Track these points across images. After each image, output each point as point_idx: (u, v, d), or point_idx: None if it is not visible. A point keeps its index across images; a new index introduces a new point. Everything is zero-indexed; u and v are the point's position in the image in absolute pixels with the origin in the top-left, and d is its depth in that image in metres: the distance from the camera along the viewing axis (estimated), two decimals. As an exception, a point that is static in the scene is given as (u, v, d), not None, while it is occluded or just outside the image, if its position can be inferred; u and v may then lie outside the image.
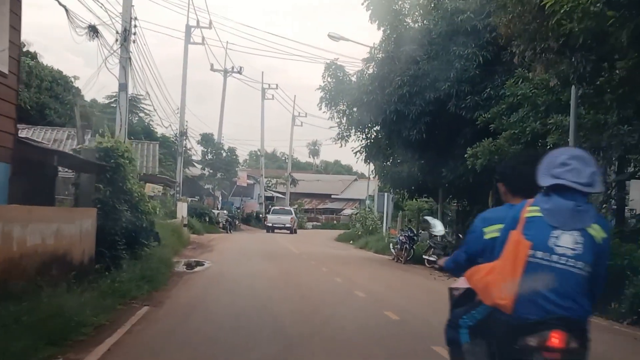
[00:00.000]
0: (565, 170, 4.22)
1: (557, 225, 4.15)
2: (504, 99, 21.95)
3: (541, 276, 4.07)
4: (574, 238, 4.13)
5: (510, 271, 4.14)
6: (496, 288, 4.20)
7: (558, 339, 4.06)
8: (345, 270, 22.78)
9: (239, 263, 23.84)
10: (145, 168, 35.70)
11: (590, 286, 4.19)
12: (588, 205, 4.22)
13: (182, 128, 46.26)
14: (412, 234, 29.28)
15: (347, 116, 30.02)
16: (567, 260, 4.12)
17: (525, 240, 4.15)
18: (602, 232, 4.22)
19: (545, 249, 4.13)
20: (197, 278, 18.29)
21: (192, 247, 31.72)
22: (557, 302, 4.10)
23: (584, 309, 4.17)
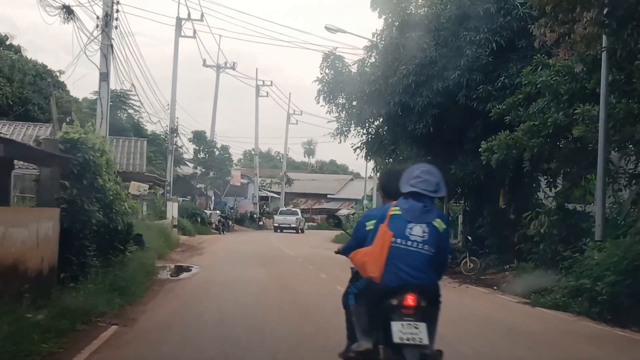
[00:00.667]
0: (418, 181, 6.11)
1: (411, 220, 6.02)
2: (521, 88, 19.86)
3: (403, 257, 5.95)
4: (422, 229, 6.01)
5: (378, 253, 6.00)
6: (369, 265, 6.04)
7: (412, 299, 5.90)
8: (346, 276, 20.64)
9: (229, 268, 21.70)
10: (132, 166, 33.50)
11: (435, 263, 6.06)
12: (433, 206, 6.15)
13: (172, 125, 44.08)
14: (416, 236, 27.16)
15: (346, 110, 27.87)
16: (418, 244, 5.99)
17: (389, 231, 6.01)
18: (442, 224, 6.13)
19: (403, 237, 6.00)
20: (181, 287, 16.12)
21: (181, 249, 29.56)
22: (411, 274, 5.94)
23: (431, 278, 6.06)
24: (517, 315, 15.07)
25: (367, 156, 28.36)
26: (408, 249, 6.01)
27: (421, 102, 22.41)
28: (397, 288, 5.98)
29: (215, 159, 53.63)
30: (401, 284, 5.98)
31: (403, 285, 5.98)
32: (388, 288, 6.01)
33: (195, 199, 55.36)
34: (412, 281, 5.97)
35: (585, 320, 14.48)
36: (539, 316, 15.02)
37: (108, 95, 23.54)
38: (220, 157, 54.22)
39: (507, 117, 19.76)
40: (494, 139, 19.09)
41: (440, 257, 6.15)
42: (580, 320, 14.50)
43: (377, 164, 28.94)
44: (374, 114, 25.22)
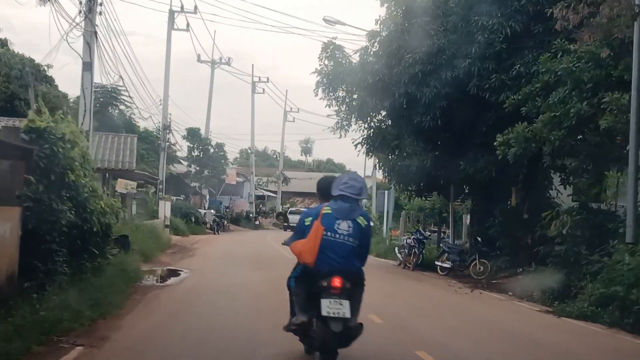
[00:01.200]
0: (346, 186, 7.78)
1: (339, 217, 7.64)
2: (538, 77, 18.18)
3: (330, 247, 7.52)
4: (348, 224, 7.63)
5: (312, 244, 7.54)
6: (305, 254, 7.62)
7: (338, 282, 7.39)
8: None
9: (222, 272, 19.98)
10: (122, 163, 31.70)
11: (359, 252, 7.75)
12: (357, 206, 7.86)
13: (165, 121, 42.32)
14: (422, 237, 25.47)
15: (346, 104, 26.18)
16: (344, 237, 7.60)
17: (322, 226, 7.56)
18: (365, 221, 7.82)
19: (332, 231, 7.59)
20: (165, 296, 14.39)
21: (172, 251, 27.82)
22: (338, 261, 7.51)
23: (355, 265, 7.69)
24: (541, 326, 13.40)
25: (368, 152, 26.66)
26: (336, 241, 7.61)
27: (428, 93, 20.73)
28: (326, 272, 7.48)
29: (210, 156, 51.87)
30: (330, 269, 7.49)
31: (331, 270, 7.48)
32: (320, 272, 7.52)
33: (190, 198, 53.61)
34: (339, 267, 7.51)
35: (619, 333, 12.85)
36: (565, 327, 13.35)
37: (92, 87, 21.71)
38: (215, 155, 52.44)
39: (523, 109, 18.08)
40: (510, 132, 17.41)
41: (363, 247, 7.88)
42: (612, 332, 12.86)
43: (379, 161, 27.22)
44: (376, 107, 23.53)
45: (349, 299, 7.49)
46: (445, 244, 24.45)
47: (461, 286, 19.80)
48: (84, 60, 21.63)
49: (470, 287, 19.75)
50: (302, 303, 7.86)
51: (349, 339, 7.68)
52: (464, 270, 22.96)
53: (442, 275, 23.19)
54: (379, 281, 20.38)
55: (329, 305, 7.42)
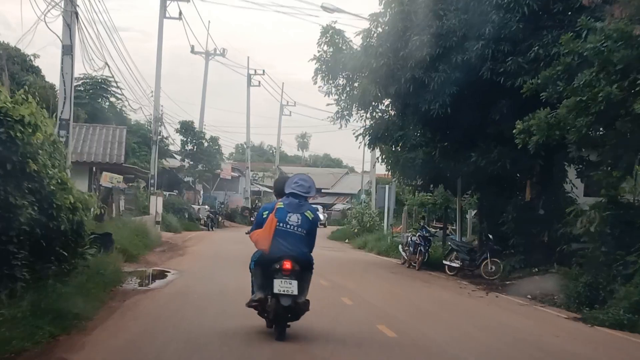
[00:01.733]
0: (296, 185, 9.27)
1: (290, 211, 9.07)
2: (559, 59, 16.46)
3: (282, 236, 8.98)
4: (297, 217, 9.04)
5: (267, 233, 8.97)
6: (261, 242, 9.07)
7: (288, 265, 8.86)
8: (352, 284, 17.23)
9: (213, 273, 18.27)
10: (110, 156, 29.93)
11: (307, 241, 9.16)
12: (306, 202, 9.28)
13: (157, 113, 40.49)
14: (428, 234, 23.77)
15: (347, 93, 24.46)
16: (294, 228, 9.04)
17: (275, 218, 8.98)
18: (312, 214, 9.20)
19: (284, 222, 9.02)
20: (146, 302, 12.65)
21: (162, 249, 26.07)
22: (288, 247, 8.97)
23: (303, 251, 9.11)
24: (573, 336, 11.75)
25: (370, 144, 24.92)
26: (287, 231, 9.10)
27: (437, 79, 19.03)
28: (279, 257, 9.01)
29: (204, 150, 49.95)
30: (282, 254, 9.01)
31: (283, 255, 9.01)
32: (273, 257, 9.03)
33: (183, 193, 51.76)
34: (289, 253, 9.04)
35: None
36: (601, 338, 11.70)
37: (72, 72, 19.92)
38: (210, 148, 50.51)
39: (543, 94, 16.34)
40: (531, 118, 15.68)
41: (310, 236, 9.35)
42: (656, 344, 11.21)
43: (382, 153, 25.45)
44: (380, 94, 21.80)
45: (297, 280, 9.07)
46: (453, 242, 22.75)
47: (474, 288, 18.12)
48: (64, 44, 19.88)
49: (483, 289, 18.08)
50: (259, 283, 9.33)
51: (298, 313, 9.28)
52: (474, 270, 21.29)
53: (450, 276, 21.52)
54: (384, 283, 18.69)
55: (280, 284, 9.01)
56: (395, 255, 28.54)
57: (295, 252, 9.09)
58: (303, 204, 9.31)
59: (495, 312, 14.00)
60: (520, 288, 18.06)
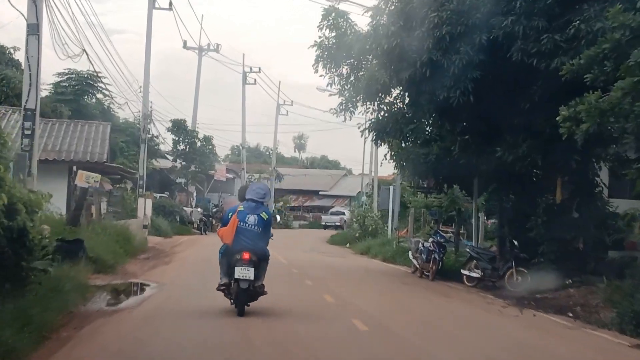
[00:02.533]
0: (253, 192, 11.67)
1: (249, 213, 11.39)
2: (605, 35, 13.86)
3: (243, 233, 11.22)
4: (254, 217, 11.35)
5: (230, 231, 11.21)
6: (225, 237, 11.32)
7: (247, 256, 11.08)
8: (362, 301, 14.50)
9: (199, 286, 15.60)
10: (91, 154, 27.28)
11: (262, 236, 11.42)
12: (261, 205, 11.61)
13: (145, 110, 37.82)
14: (442, 240, 21.12)
15: (351, 83, 21.87)
16: (251, 226, 11.29)
17: (237, 218, 11.29)
18: (266, 215, 11.58)
19: (244, 221, 11.26)
20: (109, 330, 9.95)
21: (146, 256, 23.43)
22: (247, 242, 11.21)
23: (260, 245, 11.36)
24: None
25: (377, 139, 22.26)
26: (246, 229, 11.40)
27: (458, 62, 16.39)
28: (239, 249, 11.28)
29: (197, 150, 47.29)
30: (241, 247, 11.28)
31: (242, 248, 11.27)
32: (235, 249, 11.32)
33: (175, 196, 49.11)
34: (248, 246, 11.30)
35: None
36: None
37: (39, 55, 17.25)
38: (203, 148, 47.86)
39: (587, 76, 13.72)
40: (579, 103, 13.04)
41: (266, 233, 11.69)
42: None
43: (390, 149, 22.74)
44: (391, 80, 19.13)
45: (254, 267, 11.28)
46: (472, 249, 20.06)
47: (503, 304, 15.45)
48: (29, 22, 17.24)
49: (514, 304, 15.43)
50: (225, 270, 11.60)
51: (254, 295, 11.51)
52: (496, 281, 18.69)
53: (469, 287, 18.92)
54: (400, 298, 16.05)
55: (240, 271, 11.20)
56: (403, 262, 25.90)
57: (252, 245, 11.40)
58: (259, 207, 11.67)
59: (541, 338, 11.35)
60: (556, 304, 15.46)
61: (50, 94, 40.95)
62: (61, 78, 41.51)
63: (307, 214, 75.51)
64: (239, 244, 11.28)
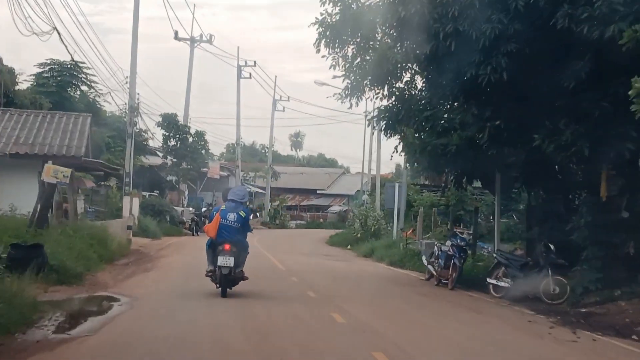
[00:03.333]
0: (233, 194, 14.04)
1: (229, 211, 13.54)
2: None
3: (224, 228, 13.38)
4: (234, 215, 13.48)
5: (214, 226, 13.39)
6: (210, 232, 13.51)
7: (227, 247, 13.22)
8: (378, 320, 11.70)
9: (180, 301, 12.80)
10: (67, 148, 24.45)
11: (241, 230, 13.58)
12: (240, 204, 13.82)
13: (132, 101, 34.97)
14: (463, 243, 18.36)
15: (358, 64, 19.11)
16: (232, 222, 13.46)
17: (219, 216, 13.45)
18: (244, 213, 13.70)
19: (225, 219, 13.43)
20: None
21: (126, 261, 20.64)
22: (229, 235, 13.33)
23: (239, 238, 13.52)
24: None
25: (387, 129, 19.47)
26: (227, 225, 13.40)
27: (490, 32, 13.60)
28: (221, 242, 13.29)
29: (189, 146, 44.44)
30: (223, 240, 13.29)
31: (224, 240, 13.28)
32: (218, 242, 13.33)
33: (165, 194, 46.27)
34: (229, 239, 13.29)
35: None
36: None
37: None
38: (195, 144, 45.00)
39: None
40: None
41: (244, 227, 13.71)
42: None
43: (402, 140, 19.85)
44: (406, 59, 16.40)
45: (234, 257, 13.26)
46: (501, 254, 17.27)
47: (548, 322, 12.67)
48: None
49: (560, 323, 12.66)
50: (210, 259, 13.69)
51: (235, 280, 13.59)
52: (529, 291, 15.95)
53: (497, 298, 16.18)
54: (422, 313, 13.26)
55: (222, 259, 13.19)
56: (413, 266, 23.20)
57: (232, 238, 13.44)
58: (238, 207, 13.79)
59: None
60: (609, 322, 12.70)
61: (32, 85, 38.13)
62: (42, 69, 38.68)
63: (304, 214, 72.70)
64: (221, 237, 13.44)
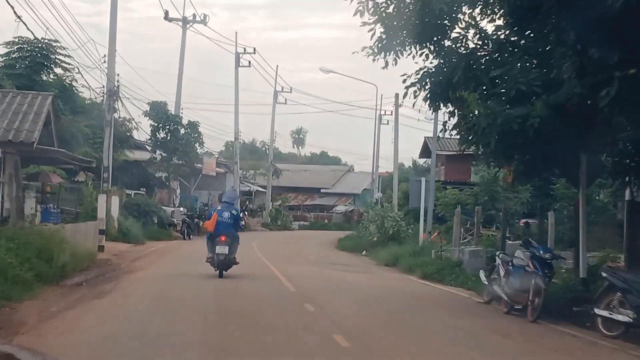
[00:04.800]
0: (226, 196, 18.30)
1: (224, 210, 16.96)
2: None
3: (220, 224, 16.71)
4: (228, 213, 16.90)
5: (212, 222, 16.83)
6: (209, 227, 17.14)
7: (223, 238, 16.50)
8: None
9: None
10: (17, 133, 18.97)
11: (233, 225, 17.04)
12: (232, 205, 17.50)
13: (110, 84, 29.57)
14: (548, 255, 12.89)
15: (397, 13, 13.61)
16: (226, 219, 16.81)
17: (216, 214, 16.88)
18: (235, 212, 17.25)
19: (221, 217, 16.79)
20: None
21: (81, 279, 15.21)
22: (224, 229, 16.72)
23: (233, 232, 16.88)
24: None
25: (434, 98, 13.93)
26: (222, 221, 16.59)
27: None
28: (218, 234, 16.37)
29: (180, 139, 38.97)
30: (219, 233, 16.36)
31: (220, 233, 16.37)
32: (215, 234, 16.42)
33: (155, 193, 40.79)
34: (224, 232, 16.43)
35: None
36: None
37: None
38: (187, 137, 39.51)
39: None
40: None
41: (235, 223, 16.96)
42: None
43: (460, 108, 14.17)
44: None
45: (228, 246, 16.41)
46: (614, 273, 11.73)
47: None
48: None
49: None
50: (210, 247, 16.68)
51: (229, 264, 16.60)
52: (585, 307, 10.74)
53: (609, 337, 10.78)
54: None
55: (219, 248, 16.34)
56: (456, 282, 17.88)
57: (226, 231, 16.58)
58: (230, 207, 17.18)
59: None
60: None
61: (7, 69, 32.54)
62: (10, 48, 33.12)
63: (307, 214, 67.19)
64: (218, 231, 16.55)
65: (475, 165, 32.67)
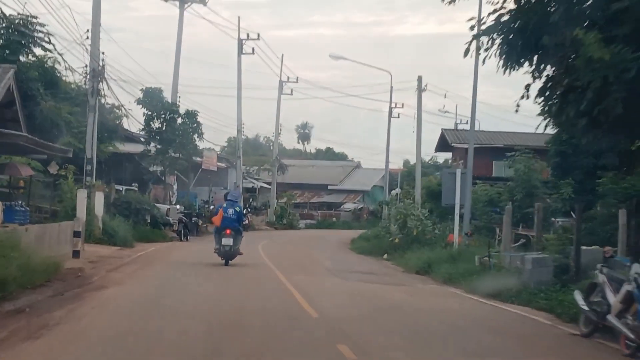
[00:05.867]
0: (230, 195, 20.87)
1: (229, 207, 19.30)
2: None
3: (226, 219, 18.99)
4: (232, 210, 19.27)
5: (220, 218, 19.13)
6: (216, 221, 19.48)
7: (228, 231, 18.82)
8: None
9: None
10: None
11: (237, 220, 19.28)
12: (235, 203, 19.94)
13: (94, 64, 25.42)
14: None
15: None
16: (231, 215, 19.13)
17: (222, 211, 19.23)
18: (238, 209, 19.71)
19: (226, 212, 19.12)
20: None
21: (24, 303, 11.03)
22: (229, 224, 18.95)
23: (237, 226, 19.17)
24: None
25: (509, 53, 9.81)
26: (228, 217, 18.89)
27: None
28: (224, 228, 18.73)
29: (177, 129, 34.83)
30: (225, 227, 18.72)
31: (225, 227, 18.71)
32: (221, 228, 18.80)
33: (149, 188, 36.62)
34: (229, 226, 18.74)
35: None
36: None
37: None
38: (185, 127, 35.36)
39: None
40: None
41: (239, 219, 19.42)
42: None
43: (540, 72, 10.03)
44: None
45: (232, 238, 18.50)
46: None
47: None
48: None
49: None
50: (217, 240, 18.78)
51: (234, 254, 18.76)
52: None
53: None
54: None
55: (225, 240, 18.44)
56: (522, 300, 13.74)
57: (231, 225, 18.66)
58: (234, 204, 19.43)
59: None
60: None
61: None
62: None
63: (314, 212, 63.00)
64: (224, 225, 18.63)
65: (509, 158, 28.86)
